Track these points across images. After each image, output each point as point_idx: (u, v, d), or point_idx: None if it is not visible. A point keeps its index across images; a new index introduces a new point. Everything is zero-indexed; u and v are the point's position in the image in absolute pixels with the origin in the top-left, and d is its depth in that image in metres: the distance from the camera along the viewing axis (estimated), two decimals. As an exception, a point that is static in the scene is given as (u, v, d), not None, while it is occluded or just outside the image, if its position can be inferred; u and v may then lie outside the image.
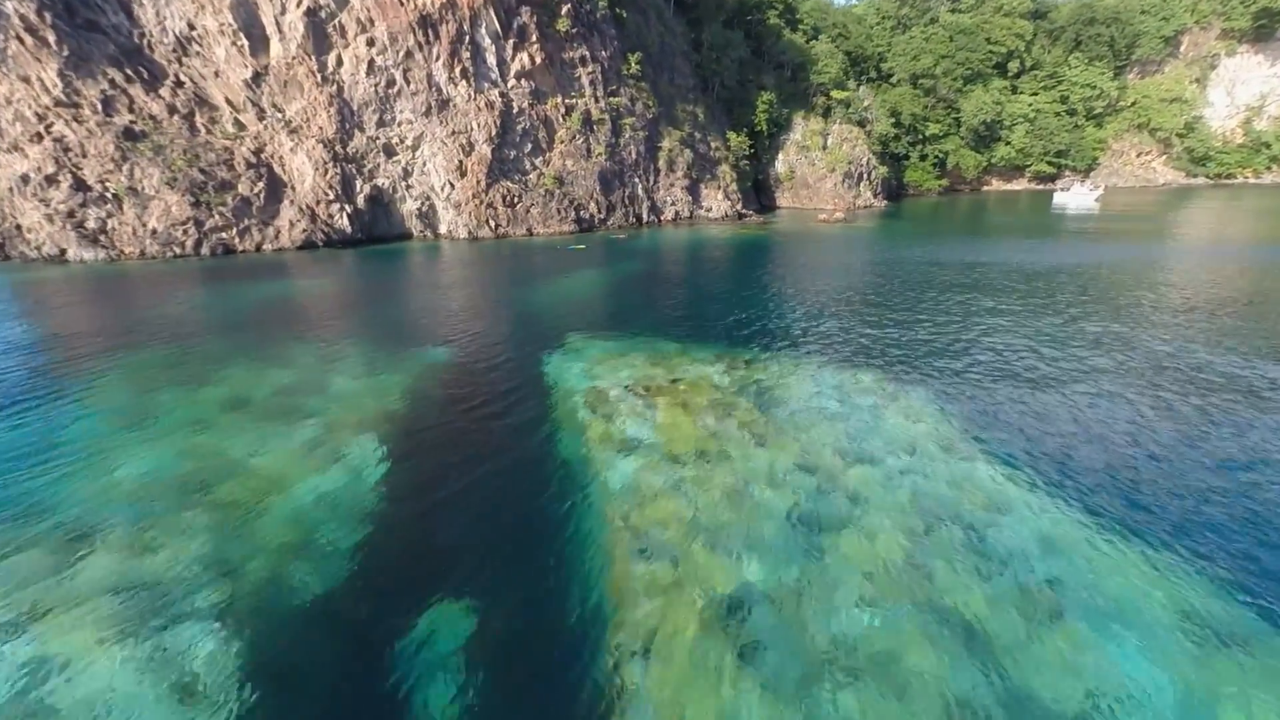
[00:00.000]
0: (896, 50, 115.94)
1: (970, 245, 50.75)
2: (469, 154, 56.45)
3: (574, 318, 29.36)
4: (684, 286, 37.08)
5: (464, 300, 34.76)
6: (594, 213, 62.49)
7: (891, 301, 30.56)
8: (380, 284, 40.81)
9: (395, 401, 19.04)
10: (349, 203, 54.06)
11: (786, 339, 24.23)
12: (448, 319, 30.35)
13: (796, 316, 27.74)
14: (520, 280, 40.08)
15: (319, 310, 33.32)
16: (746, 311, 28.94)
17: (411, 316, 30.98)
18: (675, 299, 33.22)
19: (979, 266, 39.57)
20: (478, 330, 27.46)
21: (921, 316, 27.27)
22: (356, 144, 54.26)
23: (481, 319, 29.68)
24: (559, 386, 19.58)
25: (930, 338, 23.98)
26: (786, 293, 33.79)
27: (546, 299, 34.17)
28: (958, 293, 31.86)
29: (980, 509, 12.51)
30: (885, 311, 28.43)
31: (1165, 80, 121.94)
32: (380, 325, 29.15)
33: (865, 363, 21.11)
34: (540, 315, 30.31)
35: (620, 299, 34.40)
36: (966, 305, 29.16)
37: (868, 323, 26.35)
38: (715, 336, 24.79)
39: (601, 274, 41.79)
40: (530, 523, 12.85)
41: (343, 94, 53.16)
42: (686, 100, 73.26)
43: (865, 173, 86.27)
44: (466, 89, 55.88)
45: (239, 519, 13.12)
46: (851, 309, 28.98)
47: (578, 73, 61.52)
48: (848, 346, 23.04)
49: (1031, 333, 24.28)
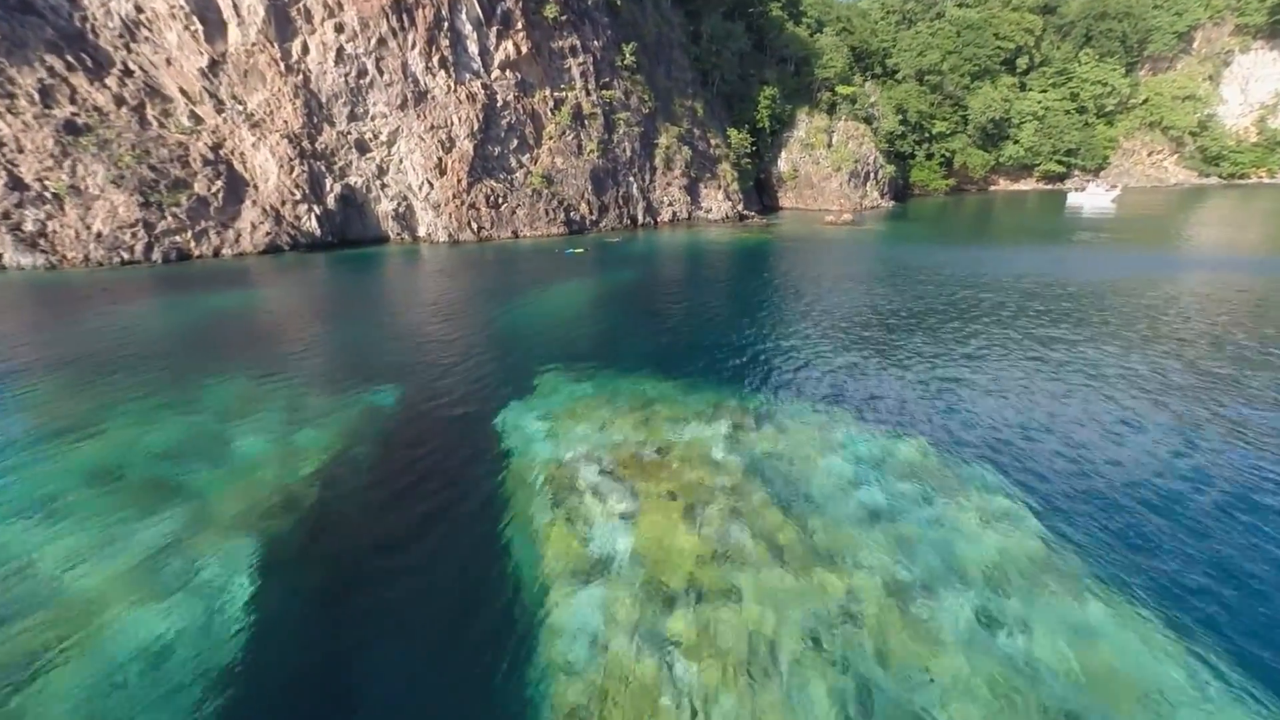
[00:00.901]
0: (902, 45, 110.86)
1: (996, 254, 46.12)
2: (449, 150, 51.64)
3: (551, 344, 24.72)
4: (680, 303, 32.42)
5: (429, 318, 30.09)
6: (585, 214, 57.76)
7: (923, 327, 25.90)
8: (342, 296, 36.12)
9: (304, 478, 14.41)
10: (318, 203, 49.28)
11: (801, 382, 19.56)
12: (406, 343, 25.70)
13: (810, 349, 23.10)
14: (498, 292, 35.43)
15: (261, 330, 28.65)
16: (752, 340, 24.30)
17: (365, 340, 26.32)
18: (669, 320, 28.57)
19: (1016, 282, 34.87)
20: (437, 361, 22.83)
21: (966, 352, 22.60)
22: (326, 139, 49.42)
23: (444, 345, 25.04)
24: (516, 457, 14.97)
25: (985, 384, 19.32)
26: (797, 314, 29.16)
27: (523, 317, 29.52)
28: (1005, 319, 27.16)
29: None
30: (919, 343, 23.80)
31: (1178, 77, 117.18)
32: (326, 352, 24.51)
33: (905, 422, 16.47)
34: (512, 340, 25.65)
35: (606, 319, 29.74)
36: (1019, 337, 24.47)
37: (898, 360, 21.70)
38: (714, 375, 20.15)
39: (589, 286, 37.14)
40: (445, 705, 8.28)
41: (309, 85, 48.27)
42: (685, 94, 68.41)
43: (872, 172, 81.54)
44: (446, 80, 51.01)
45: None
46: (876, 339, 24.31)
47: (567, 63, 56.65)
48: (879, 395, 18.39)
49: (1120, 381, 19.64)
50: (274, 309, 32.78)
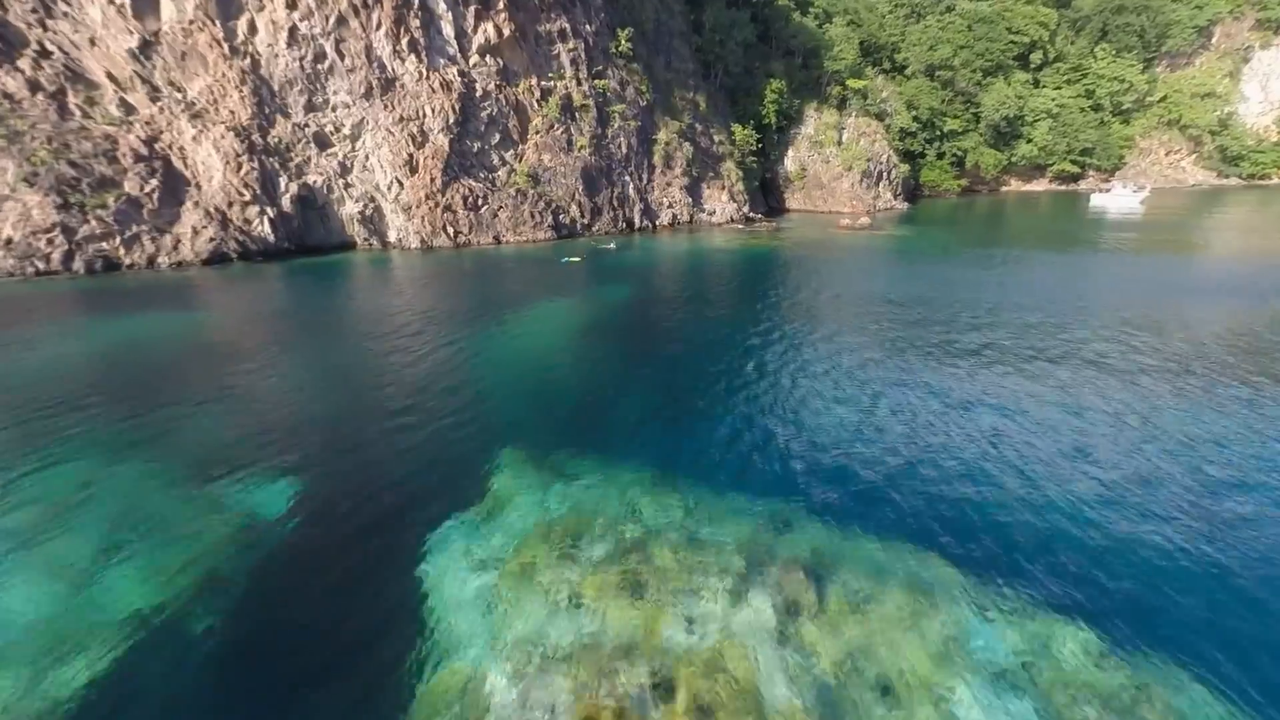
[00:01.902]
0: (911, 40, 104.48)
1: (1043, 265, 40.05)
2: (421, 145, 45.14)
3: (518, 407, 18.45)
4: (687, 340, 26.10)
5: (374, 357, 23.74)
6: (576, 217, 51.37)
7: (1035, 396, 19.81)
8: (279, 321, 29.71)
9: (90, 680, 8.18)
10: (271, 205, 42.73)
11: (871, 497, 13.26)
12: (334, 399, 19.37)
13: (874, 429, 16.88)
14: (467, 316, 29.11)
15: (157, 370, 22.26)
16: (788, 411, 17.99)
17: (283, 392, 19.99)
18: (675, 371, 22.29)
19: (1092, 312, 28.85)
20: (364, 432, 16.55)
21: (1074, 437, 16.50)
22: (279, 133, 42.84)
23: (380, 404, 18.76)
24: (433, 660, 8.80)
25: (1129, 486, 13.24)
26: (832, 355, 22.98)
27: (490, 359, 23.21)
28: (1092, 362, 21.15)
29: None
30: (998, 414, 17.69)
31: (1197, 74, 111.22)
32: (226, 410, 18.19)
33: (1058, 590, 10.38)
34: (470, 398, 19.34)
35: (594, 365, 23.37)
36: (1128, 397, 18.40)
37: (1016, 452, 15.56)
38: (743, 480, 13.86)
39: (576, 309, 30.81)
40: None
41: (259, 69, 41.66)
42: (686, 87, 61.96)
43: (885, 172, 75.30)
44: (416, 66, 44.45)
45: None
46: (964, 415, 18.14)
47: (556, 49, 50.15)
48: (1000, 525, 12.26)
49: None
50: (188, 338, 26.36)
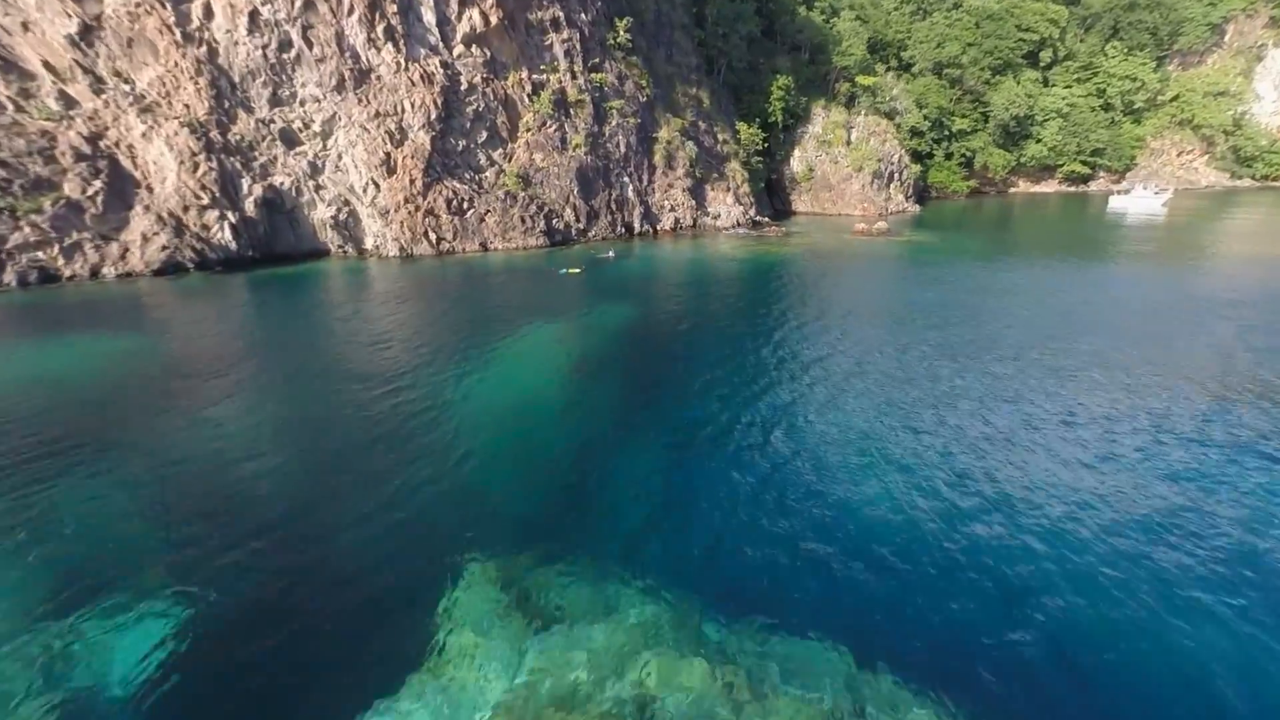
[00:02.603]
0: (918, 37, 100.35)
1: (1088, 278, 35.75)
2: (399, 144, 40.69)
3: (491, 497, 14.00)
4: (697, 384, 21.58)
5: (318, 415, 19.20)
6: (570, 221, 46.93)
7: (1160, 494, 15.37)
8: (224, 348, 25.22)
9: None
10: (233, 209, 38.26)
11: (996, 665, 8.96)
12: (256, 479, 14.87)
13: (947, 525, 12.51)
14: (436, 348, 24.67)
15: (53, 422, 17.80)
16: (843, 498, 13.64)
17: (194, 464, 15.50)
18: (685, 426, 17.85)
19: (1160, 334, 24.50)
20: (286, 537, 12.10)
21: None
22: (241, 129, 38.38)
23: (314, 491, 14.31)
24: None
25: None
26: (884, 410, 18.58)
27: (460, 418, 18.62)
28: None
29: None
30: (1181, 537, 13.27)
31: (1210, 72, 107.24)
32: (112, 490, 13.76)
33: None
34: (431, 480, 14.81)
35: (586, 424, 18.67)
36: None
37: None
38: (795, 611, 9.51)
39: (568, 337, 26.21)
40: None
41: (216, 59, 37.22)
42: (688, 82, 57.61)
43: (896, 172, 71.01)
44: (394, 56, 40.04)
45: None
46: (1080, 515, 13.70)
47: (548, 39, 45.77)
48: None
49: None
50: (111, 371, 21.90)
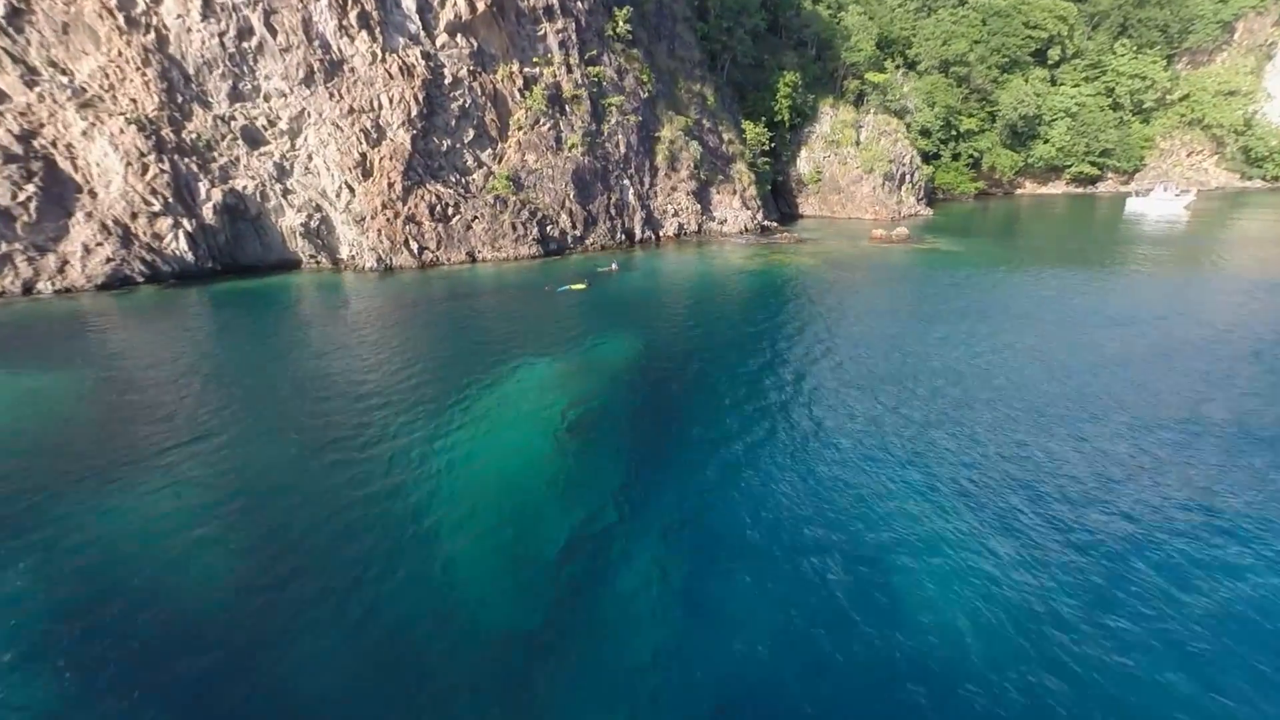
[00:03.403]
0: (923, 34, 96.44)
1: (1142, 292, 31.75)
2: (376, 143, 36.33)
3: (465, 618, 9.82)
4: (720, 450, 17.39)
5: (256, 490, 15.00)
6: (566, 228, 42.64)
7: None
8: (160, 387, 20.88)
9: None
10: (189, 216, 33.85)
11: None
12: (164, 586, 10.64)
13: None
14: (414, 394, 20.34)
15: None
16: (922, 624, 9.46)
17: (79, 577, 11.24)
18: (708, 509, 13.70)
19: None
20: (204, 690, 7.83)
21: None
22: (197, 126, 33.95)
23: (246, 603, 10.06)
24: None
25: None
26: (954, 482, 14.45)
27: (431, 497, 14.35)
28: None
29: None
30: None
31: (1221, 71, 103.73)
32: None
33: None
34: (385, 592, 10.67)
35: (586, 511, 14.30)
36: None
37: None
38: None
39: (563, 380, 21.72)
40: None
41: (166, 47, 32.77)
42: (692, 78, 53.37)
43: (908, 174, 66.97)
44: (369, 45, 35.66)
45: None
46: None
47: (542, 29, 41.44)
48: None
49: None
50: (17, 424, 17.57)
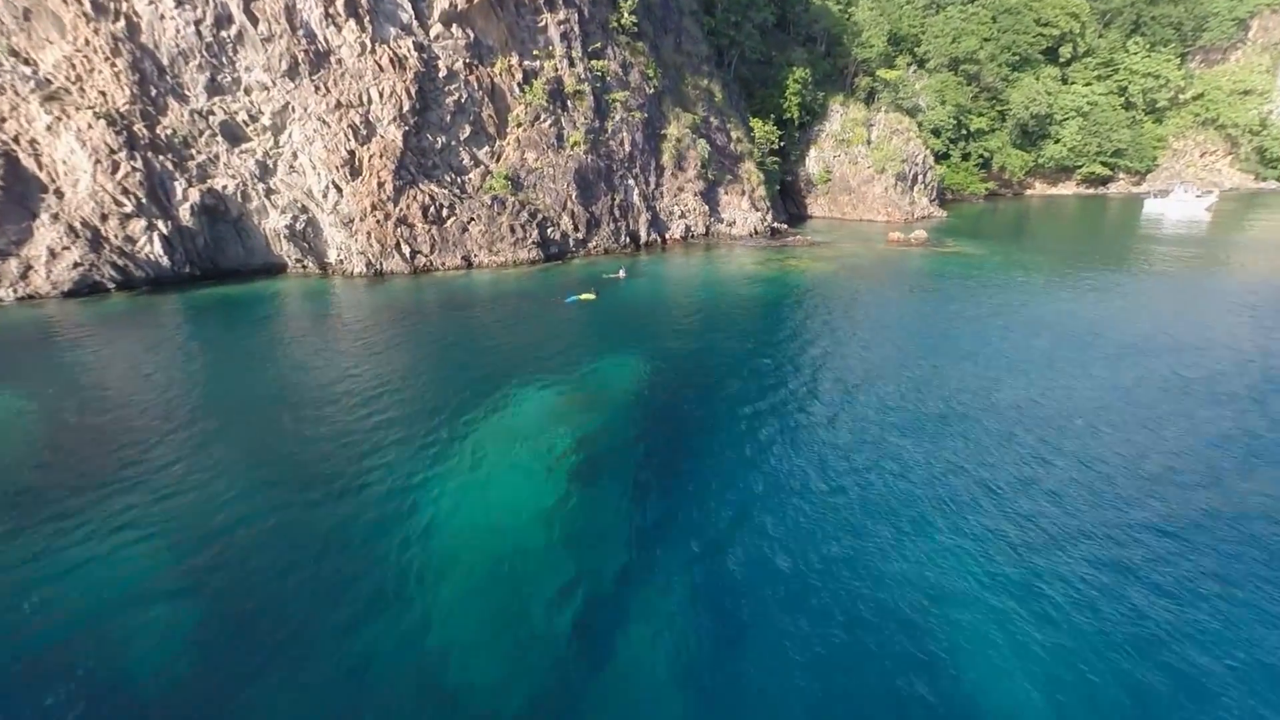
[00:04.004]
0: (932, 31, 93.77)
1: (1192, 303, 29.23)
2: (365, 140, 33.82)
3: (455, 699, 7.29)
4: (738, 483, 14.99)
5: (227, 540, 12.50)
6: (568, 230, 40.10)
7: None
8: (103, 423, 18.46)
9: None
10: (164, 217, 31.36)
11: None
12: (118, 650, 8.14)
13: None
14: (398, 428, 17.87)
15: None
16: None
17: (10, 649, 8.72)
18: (729, 569, 11.21)
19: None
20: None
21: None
22: (173, 122, 31.44)
23: (214, 678, 7.56)
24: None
25: None
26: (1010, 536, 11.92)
27: (414, 550, 11.96)
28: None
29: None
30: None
31: (1235, 70, 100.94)
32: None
33: None
34: (368, 663, 8.19)
35: (590, 561, 11.93)
36: None
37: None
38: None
39: (566, 410, 19.05)
40: None
41: (138, 36, 30.25)
42: (699, 73, 50.78)
43: (921, 174, 64.37)
44: (358, 35, 33.12)
45: None
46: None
47: (542, 20, 38.87)
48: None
49: None
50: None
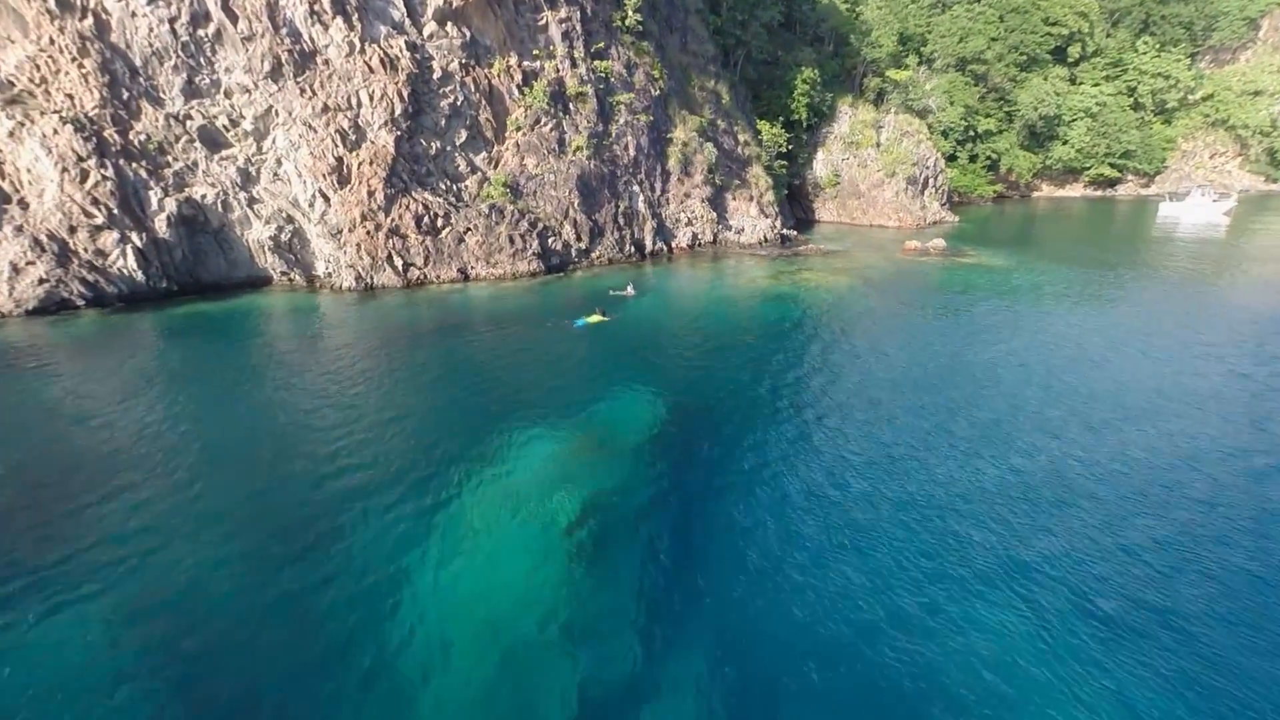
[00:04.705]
0: (939, 31, 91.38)
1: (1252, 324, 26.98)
2: (355, 146, 31.48)
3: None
4: (770, 557, 12.72)
5: (192, 630, 10.16)
6: (570, 240, 37.79)
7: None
8: (51, 473, 16.18)
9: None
10: (138, 229, 29.02)
11: None
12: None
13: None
14: (381, 482, 15.61)
15: None
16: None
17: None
18: (762, 673, 8.89)
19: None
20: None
21: None
22: (147, 127, 29.09)
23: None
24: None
25: None
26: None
27: (400, 640, 9.62)
28: None
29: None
30: None
31: (1246, 70, 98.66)
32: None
33: None
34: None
35: (605, 659, 9.68)
36: None
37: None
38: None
39: (569, 466, 16.63)
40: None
41: (108, 35, 27.90)
42: (706, 74, 48.42)
43: (932, 177, 62.05)
44: (346, 34, 30.76)
45: None
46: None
47: (542, 18, 36.51)
48: None
49: None
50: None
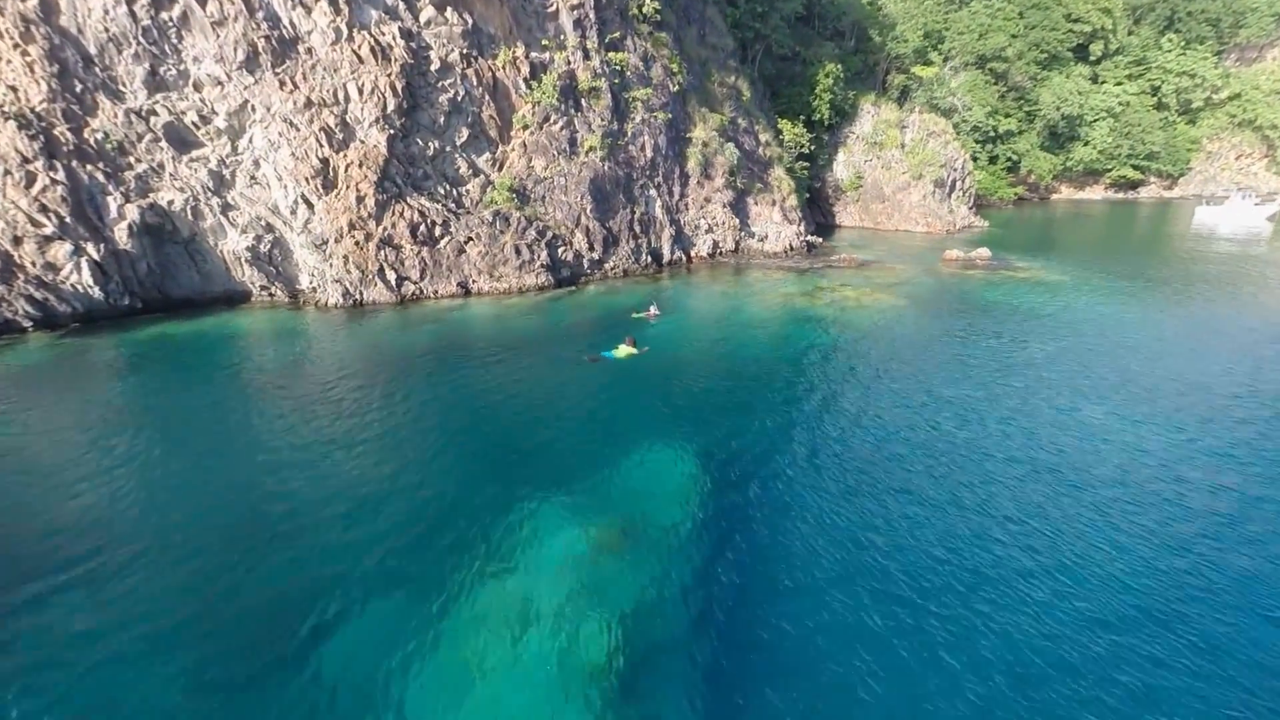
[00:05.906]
0: (957, 28, 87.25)
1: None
2: (342, 146, 27.65)
3: None
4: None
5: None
6: (582, 250, 33.92)
7: None
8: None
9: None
10: (94, 239, 25.24)
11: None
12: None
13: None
14: (362, 590, 11.74)
15: None
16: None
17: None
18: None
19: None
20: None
21: None
22: (104, 124, 25.29)
23: None
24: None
25: None
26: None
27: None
28: None
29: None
30: None
31: (1274, 68, 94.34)
32: None
33: None
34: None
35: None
36: None
37: None
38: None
39: (592, 559, 12.75)
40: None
41: (56, 18, 24.08)
42: (726, 69, 44.50)
43: (960, 179, 58.09)
44: (332, 20, 26.90)
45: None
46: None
47: (552, 4, 32.59)
48: None
49: None
50: None
